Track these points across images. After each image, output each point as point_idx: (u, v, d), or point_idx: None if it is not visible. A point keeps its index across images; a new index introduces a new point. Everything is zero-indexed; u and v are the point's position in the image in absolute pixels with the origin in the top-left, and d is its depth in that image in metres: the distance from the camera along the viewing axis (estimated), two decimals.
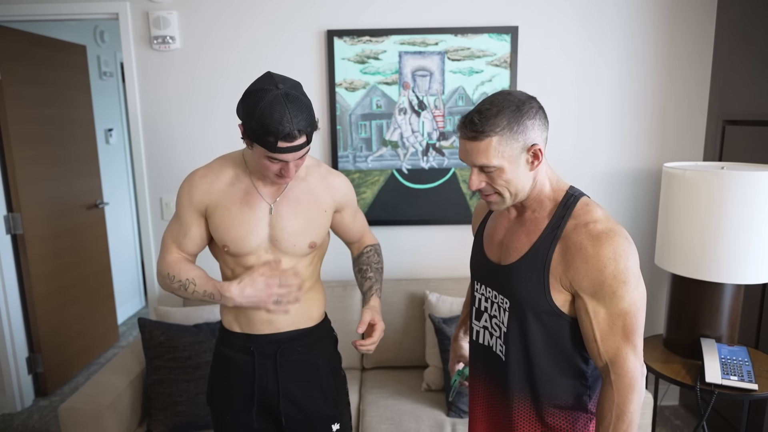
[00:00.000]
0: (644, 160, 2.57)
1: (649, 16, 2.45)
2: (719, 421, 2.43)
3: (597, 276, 1.02)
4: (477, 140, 1.03)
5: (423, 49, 2.42)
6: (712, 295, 2.02)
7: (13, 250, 2.87)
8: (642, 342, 1.06)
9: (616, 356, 1.05)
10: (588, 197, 1.11)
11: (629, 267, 1.02)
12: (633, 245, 1.05)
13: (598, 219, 1.05)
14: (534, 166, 1.06)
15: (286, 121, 1.16)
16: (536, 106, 1.05)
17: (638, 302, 1.04)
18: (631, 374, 1.04)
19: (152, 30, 2.40)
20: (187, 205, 1.38)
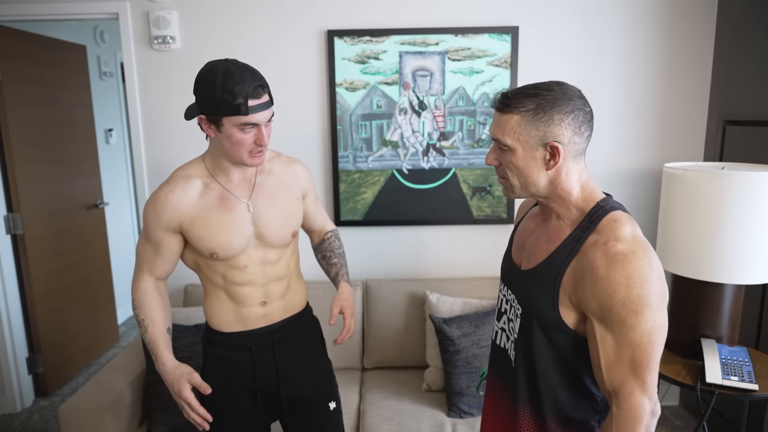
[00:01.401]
0: (645, 160, 2.57)
1: (649, 16, 2.45)
2: (719, 421, 2.43)
3: (606, 300, 0.94)
4: (502, 112, 1.01)
5: (423, 49, 2.42)
6: (713, 296, 2.02)
7: (13, 250, 2.87)
8: (655, 379, 0.96)
9: (620, 389, 0.96)
10: (622, 212, 1.00)
11: (644, 296, 0.92)
12: (656, 271, 0.94)
13: (622, 238, 0.95)
14: (550, 166, 0.99)
15: (248, 80, 1.21)
16: (578, 108, 0.98)
17: (652, 335, 0.94)
18: (635, 411, 0.95)
19: (152, 30, 2.40)
20: (155, 226, 1.35)
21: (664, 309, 0.95)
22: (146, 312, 1.38)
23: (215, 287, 1.43)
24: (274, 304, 1.46)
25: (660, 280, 0.94)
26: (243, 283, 1.41)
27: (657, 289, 0.93)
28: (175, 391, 1.31)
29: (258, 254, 1.40)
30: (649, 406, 0.96)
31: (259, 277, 1.42)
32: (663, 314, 0.95)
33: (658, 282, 0.93)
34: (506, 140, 1.00)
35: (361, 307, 2.44)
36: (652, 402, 0.96)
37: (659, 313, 0.94)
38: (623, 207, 1.03)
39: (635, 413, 0.95)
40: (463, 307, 2.26)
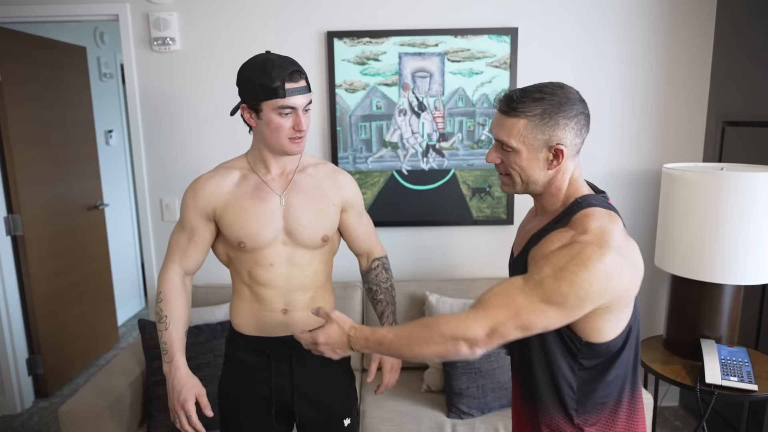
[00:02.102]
0: (644, 161, 2.57)
1: (648, 17, 2.45)
2: (719, 421, 2.43)
3: (542, 254, 0.98)
4: (507, 115, 1.03)
5: (423, 50, 2.43)
6: (712, 296, 2.03)
7: (13, 251, 2.87)
8: (511, 334, 0.97)
9: (484, 305, 0.98)
10: (598, 209, 1.01)
11: (577, 273, 0.92)
12: (605, 270, 0.93)
13: (588, 230, 0.96)
14: (552, 166, 1.03)
15: (286, 64, 1.26)
16: (580, 112, 1.02)
17: (550, 307, 0.94)
18: (467, 325, 0.97)
19: (152, 31, 2.40)
20: (192, 210, 1.38)
21: (585, 304, 0.94)
22: (170, 309, 1.37)
23: (241, 284, 1.43)
24: (296, 314, 1.42)
25: (603, 280, 0.93)
26: (266, 283, 1.39)
27: (591, 282, 0.92)
28: (180, 399, 1.30)
29: (286, 252, 1.39)
30: (479, 337, 0.97)
31: (284, 279, 1.40)
32: (578, 304, 0.94)
33: (595, 280, 0.92)
34: (512, 142, 1.03)
35: (361, 307, 2.44)
36: (483, 340, 0.97)
37: (574, 298, 0.93)
38: (604, 203, 1.04)
39: (468, 326, 0.97)
40: (462, 308, 2.26)
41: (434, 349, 1.01)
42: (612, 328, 1.01)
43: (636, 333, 1.08)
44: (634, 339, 1.07)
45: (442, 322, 1.01)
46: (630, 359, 1.08)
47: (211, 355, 2.04)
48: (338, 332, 1.14)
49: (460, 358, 1.01)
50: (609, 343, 1.02)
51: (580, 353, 1.03)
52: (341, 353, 1.17)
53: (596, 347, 1.02)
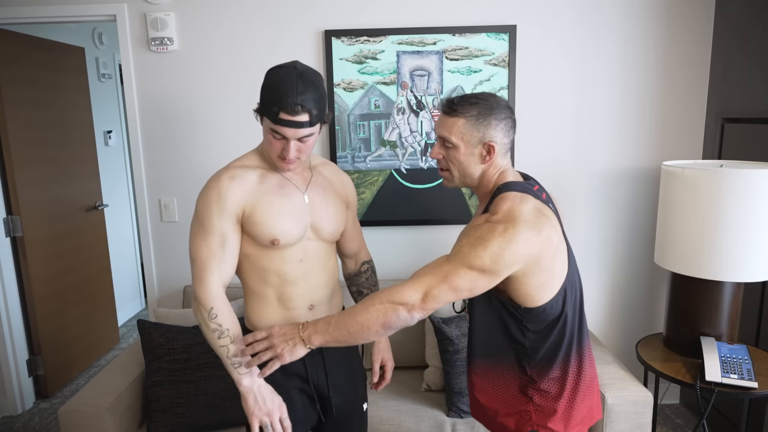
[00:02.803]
0: (643, 158, 2.57)
1: (647, 14, 2.44)
2: (719, 419, 2.43)
3: (461, 236, 1.16)
4: (449, 115, 1.22)
5: (421, 48, 2.42)
6: (712, 294, 2.02)
7: (12, 252, 2.87)
8: (442, 296, 1.13)
9: (418, 276, 1.16)
10: (513, 192, 1.17)
11: (487, 239, 1.09)
12: (515, 233, 1.09)
13: (498, 211, 1.14)
14: (485, 161, 1.22)
15: (291, 94, 1.22)
16: (509, 116, 1.22)
17: (470, 268, 1.11)
18: (407, 296, 1.13)
19: (150, 32, 2.40)
20: (219, 213, 1.30)
21: (499, 264, 1.10)
22: (228, 322, 1.31)
23: (264, 287, 1.39)
24: (321, 308, 1.45)
25: (511, 245, 1.09)
26: (295, 280, 1.39)
27: (500, 246, 1.09)
28: (268, 410, 1.31)
29: (312, 247, 1.41)
30: (415, 300, 1.13)
31: (313, 274, 1.41)
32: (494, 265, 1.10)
33: (504, 244, 1.09)
34: (452, 138, 1.21)
35: None
36: (418, 303, 1.13)
37: (489, 260, 1.10)
38: (523, 187, 1.20)
39: (404, 291, 1.14)
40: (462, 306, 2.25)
41: (376, 316, 1.15)
42: (540, 293, 1.17)
43: (573, 300, 1.24)
44: (570, 305, 1.23)
45: (380, 291, 1.18)
46: (573, 327, 1.24)
47: (211, 355, 2.03)
48: (292, 325, 1.27)
49: (400, 323, 1.15)
50: (544, 306, 1.18)
51: (523, 318, 1.20)
52: (292, 345, 1.24)
53: (534, 311, 1.18)
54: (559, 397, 1.23)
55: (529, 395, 1.24)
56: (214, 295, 1.30)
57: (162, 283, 2.65)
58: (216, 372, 2.02)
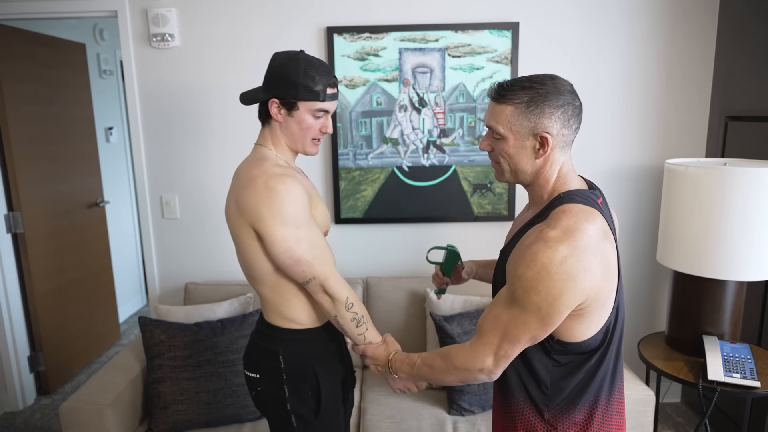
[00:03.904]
0: (646, 156, 2.56)
1: (650, 11, 2.43)
2: (721, 418, 2.42)
3: (512, 269, 1.01)
4: (497, 102, 1.06)
5: (423, 45, 2.41)
6: (715, 293, 2.01)
7: (13, 249, 2.87)
8: (509, 354, 1.04)
9: (482, 335, 1.06)
10: (577, 205, 1.01)
11: (537, 281, 0.95)
12: (567, 268, 0.93)
13: (557, 226, 0.97)
14: (539, 155, 1.05)
15: (328, 71, 1.31)
16: (568, 102, 1.03)
17: (528, 318, 0.98)
18: (477, 357, 1.06)
19: (151, 27, 2.39)
20: (306, 206, 1.29)
21: (558, 308, 0.96)
22: (362, 309, 1.35)
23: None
24: None
25: (567, 282, 0.94)
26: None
27: (555, 285, 0.94)
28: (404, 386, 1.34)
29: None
30: (487, 365, 1.05)
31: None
32: (552, 310, 0.96)
33: (560, 283, 0.94)
34: (499, 129, 1.06)
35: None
36: (491, 366, 1.05)
37: (545, 305, 0.96)
38: (589, 200, 1.04)
39: (475, 358, 1.06)
40: (463, 305, 2.25)
41: (454, 378, 1.12)
42: (584, 329, 1.02)
43: (617, 338, 1.08)
44: (614, 343, 1.08)
45: (453, 354, 1.11)
46: (609, 363, 1.08)
47: (212, 352, 2.03)
48: (383, 351, 1.31)
49: (480, 381, 1.10)
50: (581, 343, 1.03)
51: (553, 350, 1.05)
52: (381, 371, 1.31)
53: (568, 346, 1.04)
54: None
55: None
56: (346, 287, 1.33)
57: (163, 280, 2.64)
58: (217, 369, 2.02)
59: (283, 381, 1.36)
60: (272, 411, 1.39)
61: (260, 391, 1.40)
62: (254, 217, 1.25)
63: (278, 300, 1.37)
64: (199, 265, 2.62)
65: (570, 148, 1.08)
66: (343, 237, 2.60)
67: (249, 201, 1.25)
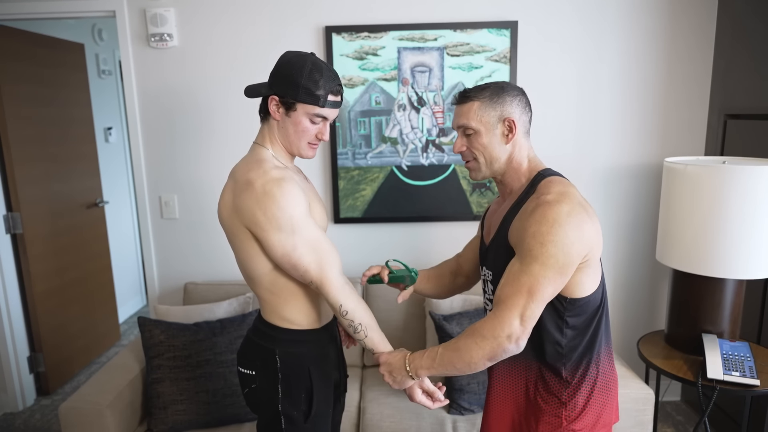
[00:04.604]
0: (645, 154, 2.56)
1: (649, 9, 2.43)
2: (721, 416, 2.43)
3: (522, 233, 1.10)
4: (462, 103, 1.21)
5: (422, 44, 2.41)
6: (714, 291, 2.01)
7: (13, 249, 2.87)
8: (535, 313, 1.08)
9: (504, 301, 1.09)
10: (559, 177, 1.17)
11: (552, 233, 1.05)
12: (574, 223, 1.06)
13: (552, 191, 1.10)
14: (508, 139, 1.19)
15: (333, 77, 1.30)
16: (520, 92, 1.20)
17: (549, 270, 1.06)
18: (503, 322, 1.08)
19: (150, 27, 2.39)
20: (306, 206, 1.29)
21: (572, 257, 1.07)
22: (360, 316, 1.30)
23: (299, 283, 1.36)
24: None
25: (577, 231, 1.06)
26: None
27: (568, 234, 1.05)
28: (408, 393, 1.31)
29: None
30: (515, 329, 1.08)
31: None
32: (568, 259, 1.07)
33: (572, 233, 1.05)
34: (471, 123, 1.19)
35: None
36: (519, 330, 1.08)
37: (562, 255, 1.06)
38: (562, 175, 1.20)
39: (502, 323, 1.08)
40: (463, 304, 2.25)
41: (482, 352, 1.11)
42: (589, 282, 1.14)
43: (605, 290, 1.21)
44: (606, 300, 1.21)
45: (479, 326, 1.12)
46: (604, 317, 1.21)
47: (211, 352, 2.03)
48: (399, 357, 1.27)
49: (508, 354, 1.11)
50: (588, 297, 1.15)
51: (566, 311, 1.15)
52: (398, 378, 1.26)
53: (578, 302, 1.14)
54: (589, 398, 1.18)
55: (562, 399, 1.18)
56: (349, 293, 1.30)
57: (163, 281, 2.64)
58: (216, 369, 2.02)
59: (277, 381, 1.35)
60: (263, 410, 1.39)
61: (254, 388, 1.39)
62: (250, 220, 1.25)
63: (276, 301, 1.36)
64: (198, 265, 2.62)
65: (529, 136, 1.23)
66: (342, 236, 2.60)
67: (245, 204, 1.24)
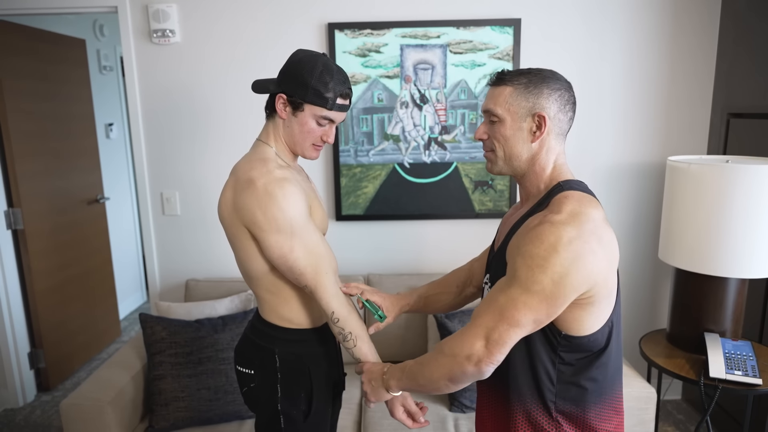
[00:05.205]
0: (648, 153, 2.55)
1: (652, 8, 2.42)
2: (723, 415, 2.43)
3: (516, 250, 0.98)
4: (496, 86, 1.07)
5: (425, 42, 2.40)
6: (716, 290, 2.01)
7: (13, 245, 2.86)
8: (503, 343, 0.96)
9: (475, 319, 1.00)
10: (577, 192, 1.01)
11: (545, 258, 0.91)
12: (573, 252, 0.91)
13: (562, 210, 0.96)
14: (536, 137, 1.04)
15: (343, 80, 1.28)
16: (564, 87, 1.05)
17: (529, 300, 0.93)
18: (467, 343, 0.98)
19: (152, 23, 2.38)
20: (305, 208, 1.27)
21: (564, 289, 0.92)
22: (351, 325, 1.28)
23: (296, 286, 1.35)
24: None
25: (575, 262, 0.91)
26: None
27: (563, 263, 0.91)
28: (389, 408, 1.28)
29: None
30: (477, 350, 0.97)
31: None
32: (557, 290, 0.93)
33: (567, 262, 0.91)
34: (497, 110, 1.05)
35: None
36: (482, 352, 0.97)
37: (551, 284, 0.92)
38: (584, 188, 1.04)
39: (464, 342, 0.99)
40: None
41: (442, 370, 1.03)
42: (591, 321, 0.99)
43: (618, 334, 1.06)
44: (615, 340, 1.05)
45: (444, 342, 1.04)
46: (615, 363, 1.06)
47: (213, 349, 2.03)
48: (379, 367, 1.23)
49: (468, 378, 1.00)
50: (589, 337, 1.00)
51: (559, 346, 1.01)
52: (375, 387, 1.21)
53: (575, 341, 1.00)
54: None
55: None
56: (341, 300, 1.28)
57: (164, 277, 2.64)
58: (218, 366, 2.02)
59: (277, 380, 1.35)
60: (262, 408, 1.38)
61: (253, 387, 1.38)
62: (250, 220, 1.24)
63: (275, 300, 1.35)
64: (199, 261, 2.62)
65: (564, 139, 1.08)
66: (344, 234, 2.60)
67: (246, 203, 1.23)
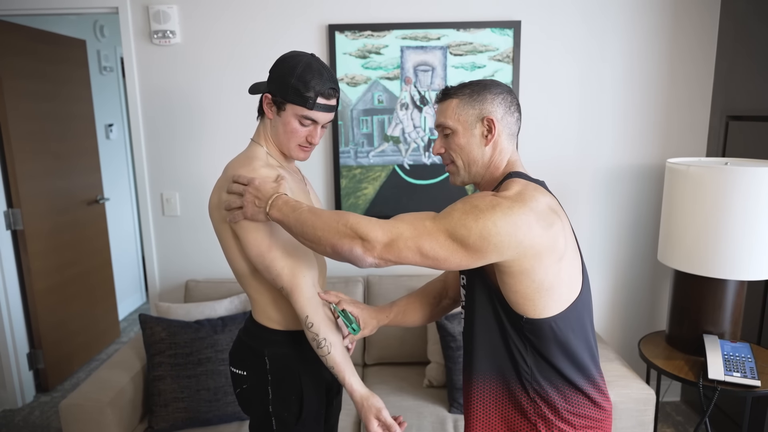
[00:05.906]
0: (647, 155, 2.56)
1: (652, 10, 2.43)
2: (721, 417, 2.43)
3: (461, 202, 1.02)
4: (442, 101, 1.15)
5: (425, 43, 2.41)
6: (715, 292, 2.02)
7: (13, 245, 2.86)
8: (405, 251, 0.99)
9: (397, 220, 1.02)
10: (523, 179, 1.06)
11: (484, 212, 0.95)
12: (524, 218, 0.95)
13: (512, 190, 1.01)
14: (488, 140, 1.10)
15: (326, 78, 1.25)
16: (506, 91, 1.12)
17: (448, 239, 0.97)
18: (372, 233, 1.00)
19: (152, 24, 2.38)
20: None
21: (486, 243, 0.95)
22: (325, 331, 1.24)
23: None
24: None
25: (509, 227, 0.95)
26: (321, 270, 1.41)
27: (495, 223, 0.95)
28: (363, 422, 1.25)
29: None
30: (374, 236, 0.99)
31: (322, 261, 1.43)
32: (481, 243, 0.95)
33: (501, 222, 0.95)
34: (448, 122, 1.12)
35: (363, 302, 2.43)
36: (376, 241, 0.99)
37: (476, 234, 0.95)
38: (531, 178, 1.10)
39: (370, 225, 1.01)
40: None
41: (333, 235, 1.03)
42: (543, 300, 1.02)
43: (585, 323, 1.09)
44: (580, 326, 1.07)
45: (352, 215, 1.05)
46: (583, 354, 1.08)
47: (213, 350, 2.03)
48: (271, 189, 1.17)
49: (350, 257, 1.02)
50: (549, 320, 1.03)
51: (524, 327, 1.05)
52: (256, 207, 1.16)
53: (536, 324, 1.03)
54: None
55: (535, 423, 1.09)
56: (314, 304, 1.25)
57: (163, 278, 2.64)
58: (217, 366, 2.02)
59: (268, 382, 1.34)
60: (254, 410, 1.37)
61: (245, 388, 1.38)
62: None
63: (263, 300, 1.33)
64: (199, 262, 2.62)
65: (515, 139, 1.14)
66: None
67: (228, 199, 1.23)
